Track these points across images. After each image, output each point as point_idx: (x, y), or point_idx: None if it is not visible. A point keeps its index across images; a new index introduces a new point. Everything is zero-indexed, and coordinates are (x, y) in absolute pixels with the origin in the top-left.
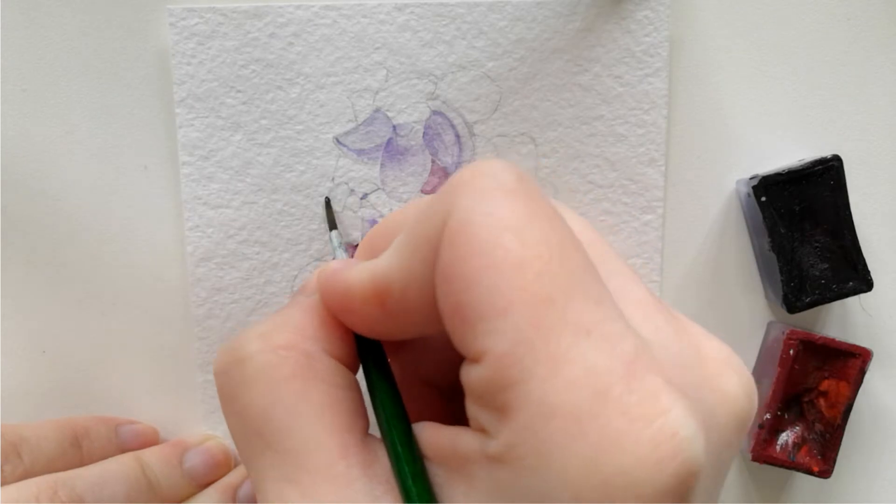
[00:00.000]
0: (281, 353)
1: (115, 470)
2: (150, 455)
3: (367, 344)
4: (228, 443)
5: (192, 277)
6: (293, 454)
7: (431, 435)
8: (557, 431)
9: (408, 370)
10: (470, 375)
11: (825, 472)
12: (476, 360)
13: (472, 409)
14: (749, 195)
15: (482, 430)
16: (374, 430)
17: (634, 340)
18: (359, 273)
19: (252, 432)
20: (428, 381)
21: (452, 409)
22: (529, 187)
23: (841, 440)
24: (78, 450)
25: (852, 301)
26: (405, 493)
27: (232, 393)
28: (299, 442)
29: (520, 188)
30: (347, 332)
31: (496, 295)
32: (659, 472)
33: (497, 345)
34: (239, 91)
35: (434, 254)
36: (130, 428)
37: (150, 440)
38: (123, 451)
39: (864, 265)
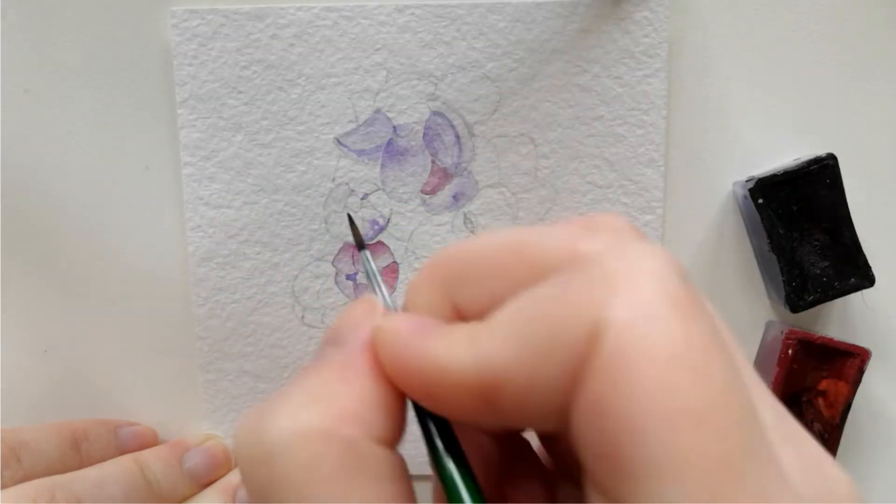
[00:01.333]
0: (315, 447)
1: (114, 472)
2: (150, 456)
3: (435, 420)
4: (229, 442)
5: (193, 277)
6: None
7: None
8: None
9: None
10: None
11: None
12: None
13: None
14: (746, 197)
15: None
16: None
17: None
18: (457, 352)
19: None
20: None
21: (506, 458)
22: (696, 296)
23: (840, 440)
24: (77, 453)
25: (853, 300)
26: None
27: (261, 492)
28: None
29: (689, 300)
30: (395, 402)
31: (668, 454)
32: None
33: None
34: (240, 92)
35: (575, 363)
36: (129, 430)
37: (148, 441)
38: (123, 452)
39: (865, 261)
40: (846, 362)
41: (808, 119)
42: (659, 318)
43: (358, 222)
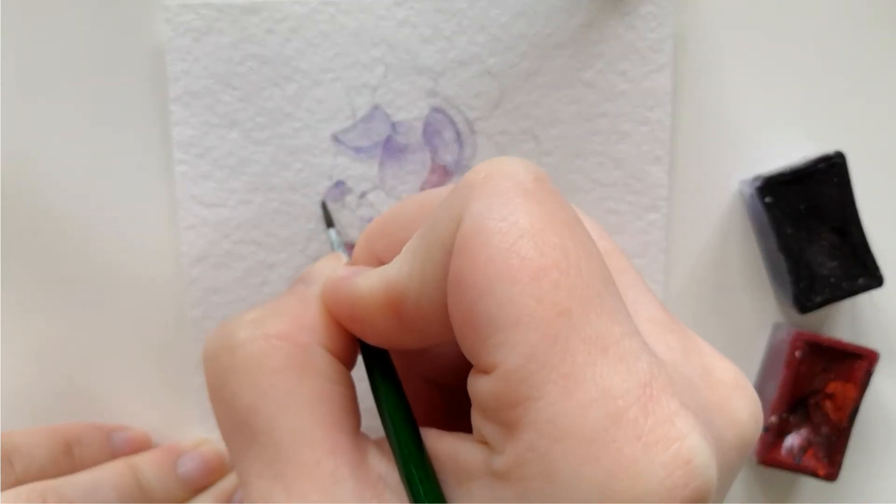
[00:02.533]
0: (274, 343)
1: (107, 476)
2: (143, 460)
3: (371, 350)
4: (223, 447)
5: (186, 278)
6: (280, 449)
7: (433, 442)
8: (568, 454)
9: (410, 368)
10: (478, 387)
11: (831, 476)
12: (485, 372)
13: (477, 420)
14: (753, 195)
15: (486, 444)
16: (370, 430)
17: (650, 359)
18: (370, 281)
19: (239, 423)
20: (430, 379)
21: (453, 410)
22: (548, 188)
23: (847, 443)
24: (70, 457)
25: (861, 301)
26: (414, 495)
27: (220, 380)
28: (287, 436)
29: (538, 190)
30: (345, 331)
31: (510, 306)
32: (671, 498)
33: (508, 359)
34: (235, 88)
35: (447, 256)
36: (123, 434)
37: (142, 446)
38: (116, 457)
39: (874, 261)
40: (854, 364)
41: (816, 117)
42: (505, 202)
43: (357, 221)
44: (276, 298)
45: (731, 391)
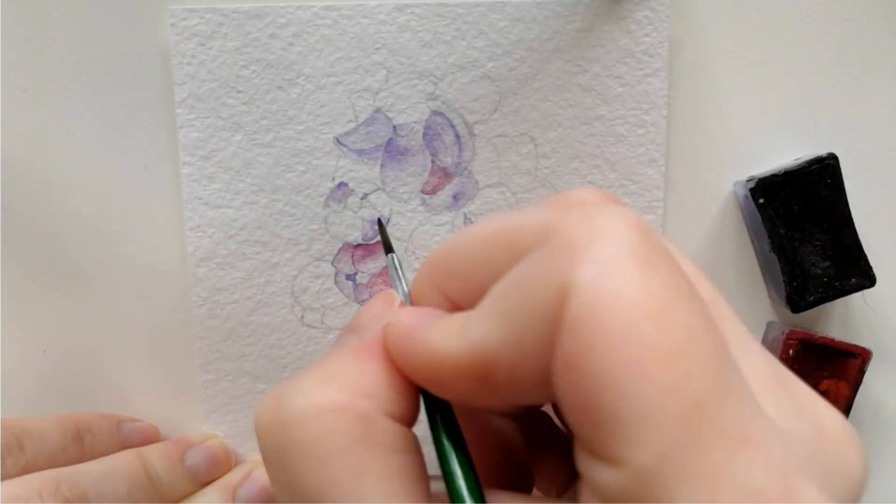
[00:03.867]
0: (332, 419)
1: (118, 466)
2: (153, 452)
3: (437, 403)
4: (229, 442)
5: (192, 277)
6: None
7: None
8: None
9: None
10: (599, 475)
11: None
12: (608, 462)
13: (587, 496)
14: (747, 197)
15: None
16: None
17: (780, 442)
18: (449, 341)
19: None
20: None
21: (515, 434)
22: (657, 248)
23: None
24: (80, 445)
25: (854, 300)
26: None
27: (279, 462)
28: None
29: (650, 253)
30: (407, 385)
31: (638, 399)
32: None
33: (639, 456)
34: (239, 91)
35: (550, 329)
36: (132, 425)
37: (151, 438)
38: (125, 447)
39: (866, 261)
40: (847, 363)
41: (809, 118)
42: (619, 273)
43: (359, 222)
44: (328, 354)
45: (842, 447)
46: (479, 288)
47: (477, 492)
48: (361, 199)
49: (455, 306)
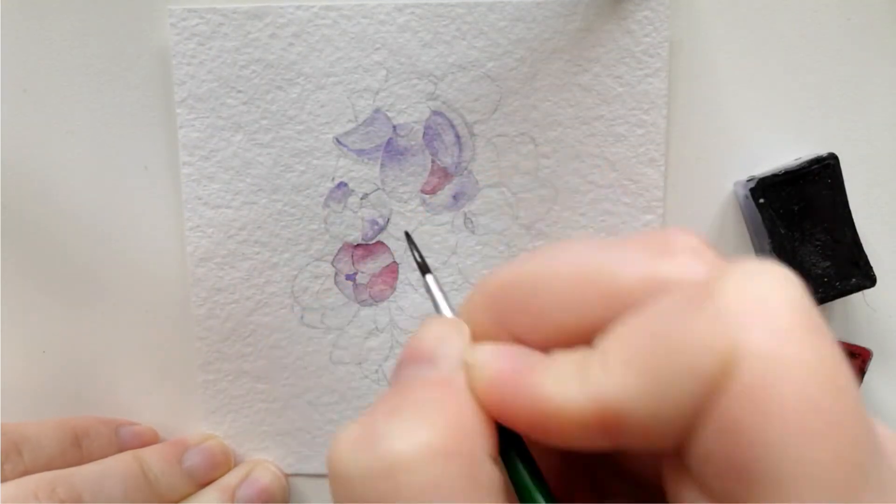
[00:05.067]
0: (443, 463)
1: (114, 468)
2: (150, 454)
3: (510, 434)
4: (228, 442)
5: (192, 277)
6: None
7: None
8: None
9: None
10: None
11: None
12: None
13: None
14: (747, 197)
15: None
16: None
17: None
18: (566, 390)
19: None
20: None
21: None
22: (816, 312)
23: None
24: (78, 449)
25: (854, 300)
26: None
27: None
28: None
29: (812, 316)
30: (492, 421)
31: (804, 460)
32: None
33: None
34: (239, 91)
35: (704, 391)
36: (130, 429)
37: (149, 441)
38: (123, 451)
39: (867, 261)
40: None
41: (809, 118)
42: (795, 343)
43: (358, 222)
44: (404, 387)
45: None
46: (559, 329)
47: None
48: (361, 199)
49: (517, 342)
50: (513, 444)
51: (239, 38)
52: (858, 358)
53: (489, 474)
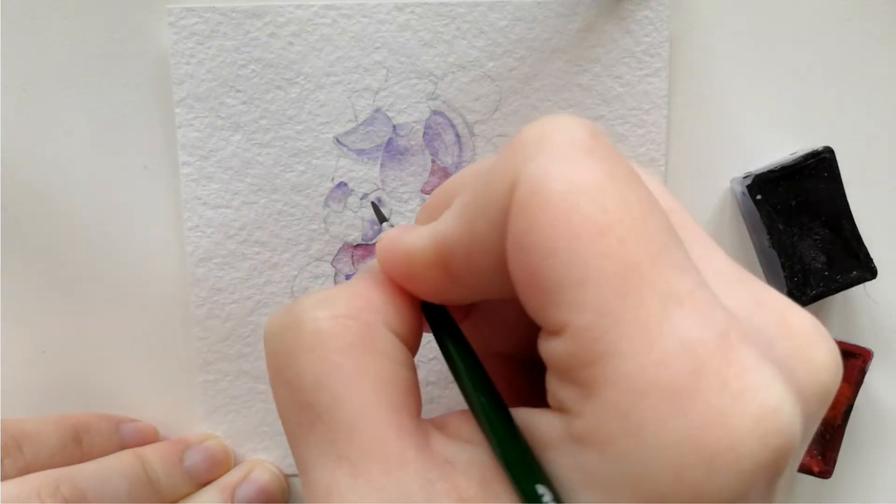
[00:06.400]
0: (341, 322)
1: (116, 466)
2: (151, 452)
3: (436, 311)
4: (228, 442)
5: (191, 277)
6: (345, 428)
7: None
8: (652, 408)
9: (479, 341)
10: (549, 349)
11: (825, 473)
12: (556, 333)
13: (553, 384)
14: (744, 193)
15: (564, 409)
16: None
17: (724, 310)
18: (419, 237)
19: (301, 403)
20: (501, 352)
21: (530, 383)
22: (605, 144)
23: (841, 441)
24: (78, 445)
25: (855, 293)
26: (504, 455)
27: (284, 359)
28: (353, 416)
29: (595, 146)
30: (409, 308)
31: (577, 264)
32: (763, 447)
33: (579, 317)
34: (238, 91)
35: (502, 217)
36: (131, 426)
37: (150, 438)
38: (124, 448)
39: (867, 254)
40: (847, 363)
41: (805, 113)
42: (563, 161)
43: (358, 222)
44: (342, 283)
45: (809, 339)
46: None
47: (488, 381)
48: (361, 198)
49: None
50: (437, 316)
51: (238, 38)
52: (859, 358)
53: (384, 339)
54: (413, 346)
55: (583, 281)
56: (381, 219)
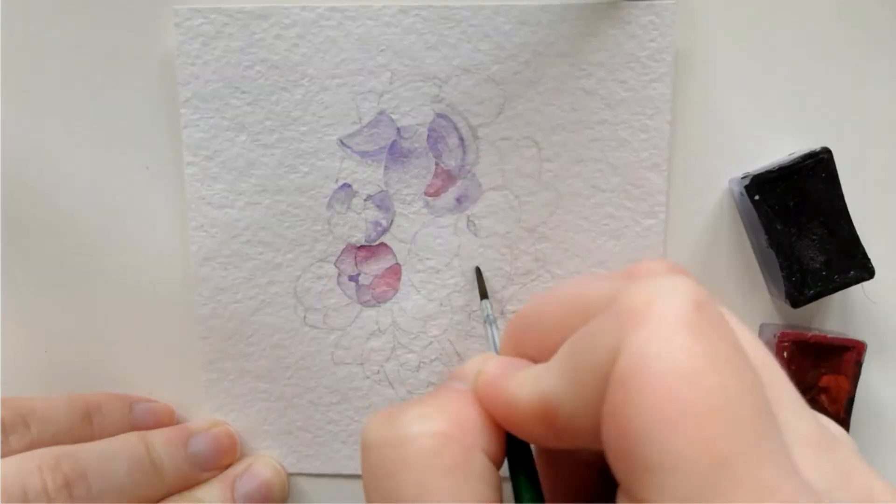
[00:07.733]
0: (441, 440)
1: (120, 447)
2: (156, 436)
3: (519, 447)
4: (235, 429)
5: (195, 277)
6: None
7: None
8: None
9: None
10: None
11: None
12: (638, 502)
13: None
14: (742, 194)
15: None
16: None
17: (812, 499)
18: (524, 389)
19: None
20: (586, 461)
21: (605, 489)
22: (710, 318)
23: (848, 432)
24: (89, 424)
25: (853, 293)
26: None
27: (385, 471)
28: None
29: (700, 321)
30: (500, 434)
31: (667, 452)
32: None
33: (664, 500)
34: (244, 92)
35: (603, 384)
36: (145, 406)
37: (164, 419)
38: (135, 429)
39: (864, 253)
40: (843, 357)
41: (803, 114)
42: (665, 338)
43: (362, 223)
44: (434, 394)
45: None
46: (554, 346)
47: None
48: (365, 200)
49: (530, 359)
50: (519, 452)
51: (244, 39)
52: (853, 351)
53: (481, 463)
54: (499, 464)
55: (672, 469)
56: (483, 294)
